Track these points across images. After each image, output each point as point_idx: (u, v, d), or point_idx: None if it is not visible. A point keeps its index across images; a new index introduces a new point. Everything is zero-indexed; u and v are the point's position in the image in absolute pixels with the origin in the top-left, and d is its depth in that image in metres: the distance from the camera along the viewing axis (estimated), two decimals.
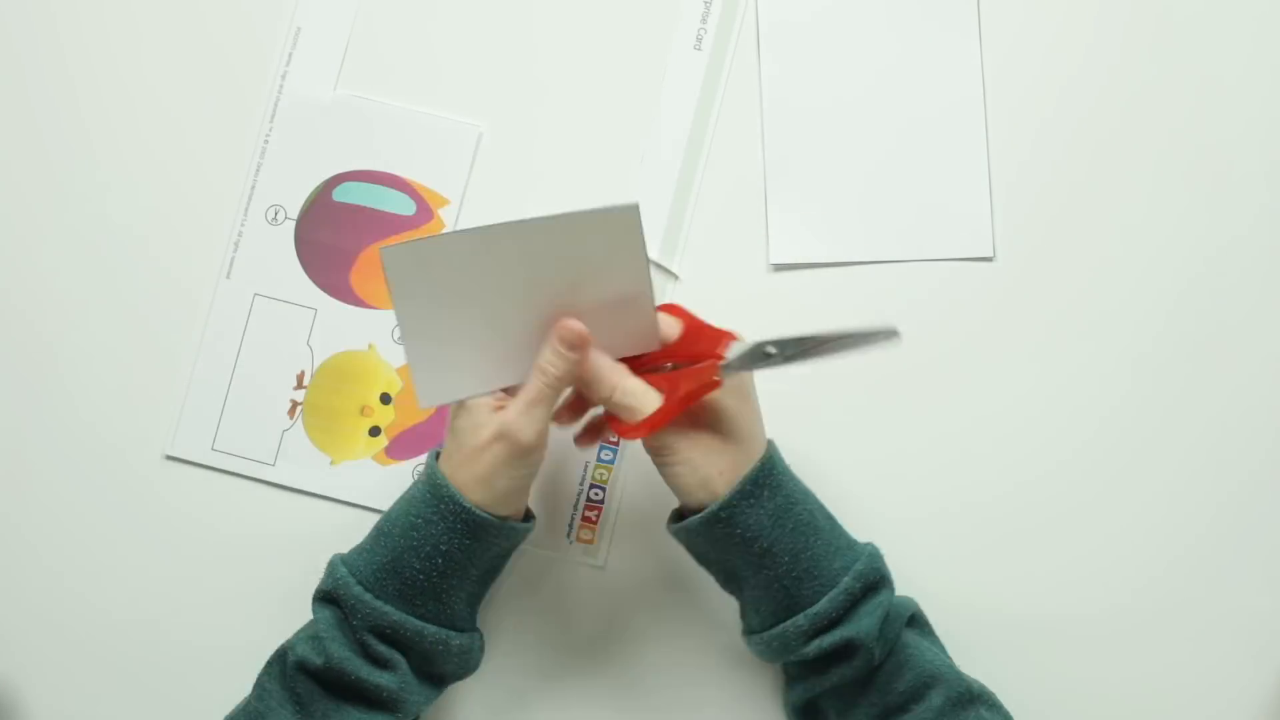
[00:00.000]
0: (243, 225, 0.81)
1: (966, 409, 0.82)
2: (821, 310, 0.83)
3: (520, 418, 0.66)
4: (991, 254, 0.83)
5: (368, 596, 0.67)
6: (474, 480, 0.67)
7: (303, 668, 0.68)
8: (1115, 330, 0.82)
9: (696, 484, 0.68)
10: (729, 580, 0.72)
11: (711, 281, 0.83)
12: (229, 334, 0.80)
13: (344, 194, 0.81)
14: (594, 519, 0.79)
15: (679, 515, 0.71)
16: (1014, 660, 0.78)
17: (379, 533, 0.69)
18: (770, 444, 0.71)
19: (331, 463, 0.78)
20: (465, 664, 0.72)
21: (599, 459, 0.81)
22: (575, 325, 0.67)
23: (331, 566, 0.70)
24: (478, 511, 0.67)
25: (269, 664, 0.70)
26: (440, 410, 0.77)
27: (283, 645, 0.70)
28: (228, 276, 0.81)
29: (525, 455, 0.67)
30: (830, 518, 0.71)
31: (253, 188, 0.82)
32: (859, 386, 0.82)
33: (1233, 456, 0.81)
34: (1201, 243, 0.82)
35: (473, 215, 0.82)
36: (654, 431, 0.67)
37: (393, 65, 0.84)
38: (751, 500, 0.68)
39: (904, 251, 0.83)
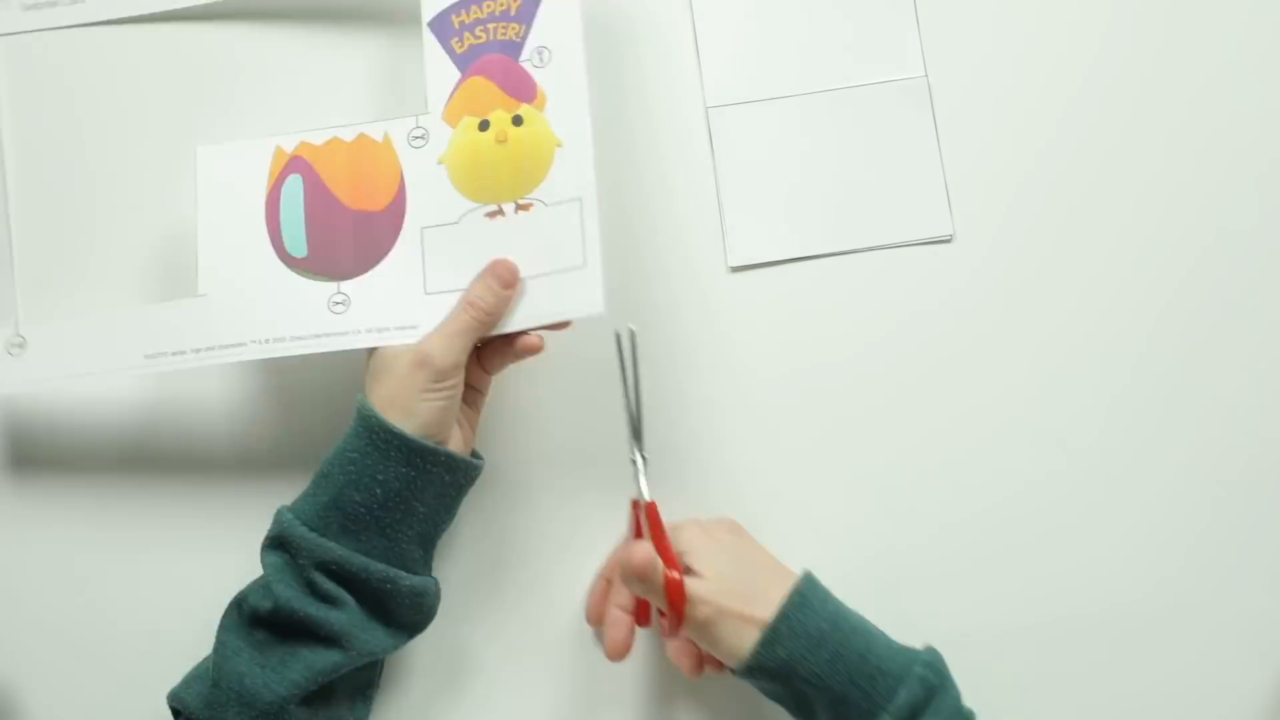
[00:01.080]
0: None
1: (949, 404, 0.81)
2: (784, 307, 0.82)
3: (441, 344, 0.69)
4: (951, 234, 0.82)
5: (311, 535, 0.68)
6: (397, 410, 0.69)
7: (256, 616, 0.69)
8: (1101, 318, 0.81)
9: (741, 632, 0.68)
10: (800, 706, 0.70)
11: (671, 288, 0.83)
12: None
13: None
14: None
15: None
16: (1013, 662, 0.78)
17: (318, 476, 0.70)
18: (806, 575, 0.71)
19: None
20: (419, 609, 0.72)
21: None
22: (509, 262, 0.71)
23: (277, 514, 0.71)
24: (409, 436, 0.68)
25: (224, 616, 0.71)
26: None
27: (235, 596, 0.71)
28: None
29: (444, 378, 0.69)
30: (876, 634, 0.70)
31: None
32: (839, 389, 0.81)
33: (1229, 453, 0.80)
34: (1181, 213, 0.82)
35: None
36: (681, 615, 0.69)
37: None
38: (804, 610, 0.68)
39: (863, 240, 0.82)
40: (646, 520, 0.72)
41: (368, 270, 0.76)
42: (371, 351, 0.72)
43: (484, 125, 0.75)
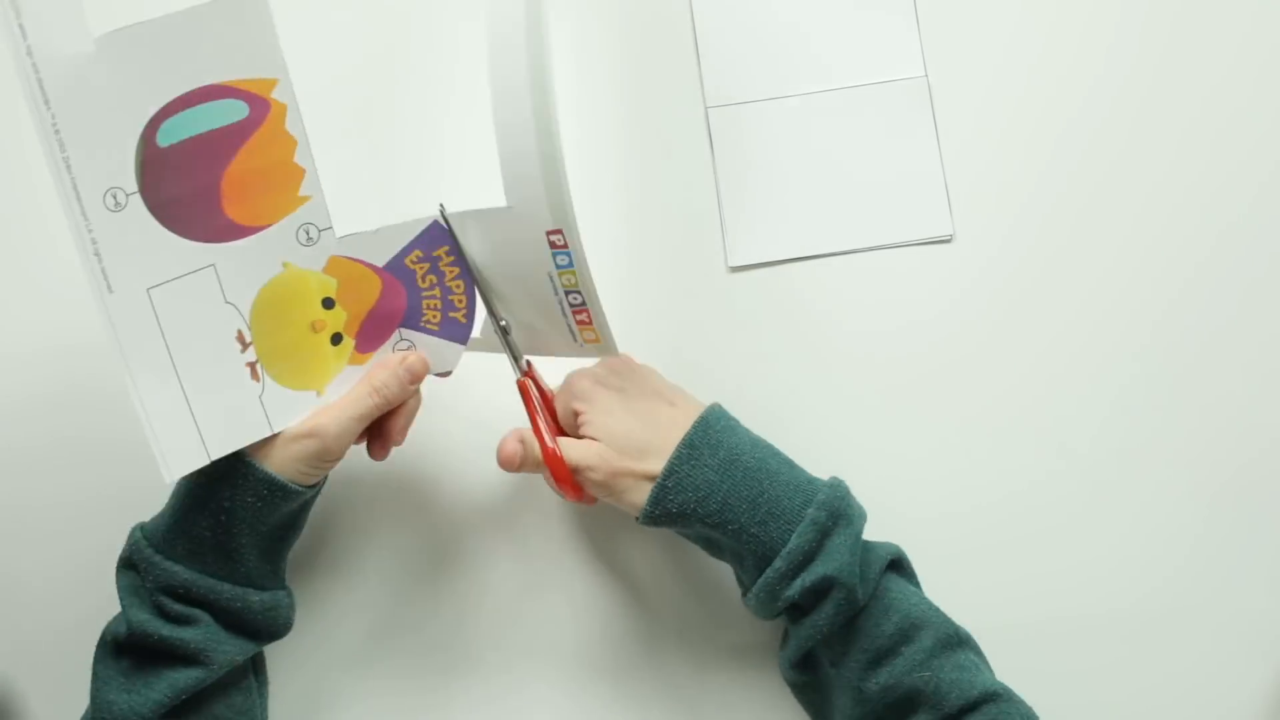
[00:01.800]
0: (89, 229, 0.67)
1: (948, 403, 0.81)
2: (784, 307, 0.82)
3: (337, 425, 0.68)
4: (950, 234, 0.82)
5: (157, 558, 0.67)
6: (267, 459, 0.68)
7: (117, 642, 0.68)
8: (1101, 318, 0.81)
9: (639, 489, 0.70)
10: (710, 547, 0.72)
11: (671, 288, 0.83)
12: (149, 345, 0.69)
13: (167, 135, 0.69)
14: (587, 320, 0.76)
15: None
16: (1012, 663, 0.76)
17: (172, 496, 0.70)
18: (709, 408, 0.71)
19: (319, 394, 0.72)
20: (274, 621, 0.71)
21: (557, 265, 0.72)
22: (422, 357, 0.72)
23: (130, 533, 0.70)
24: (251, 463, 0.68)
25: (97, 647, 0.70)
26: (388, 282, 0.72)
27: (105, 627, 0.70)
28: (110, 290, 0.68)
29: (329, 460, 0.69)
30: (787, 461, 0.71)
31: (74, 184, 0.67)
32: (841, 383, 0.82)
33: (1229, 453, 0.80)
34: (1182, 214, 0.82)
35: (306, 82, 0.71)
36: (573, 485, 0.71)
37: None
38: (691, 463, 0.69)
39: (862, 240, 0.82)
40: (521, 397, 0.72)
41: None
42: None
43: (328, 303, 0.72)
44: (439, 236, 0.70)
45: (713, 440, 0.69)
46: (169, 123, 0.67)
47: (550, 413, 0.73)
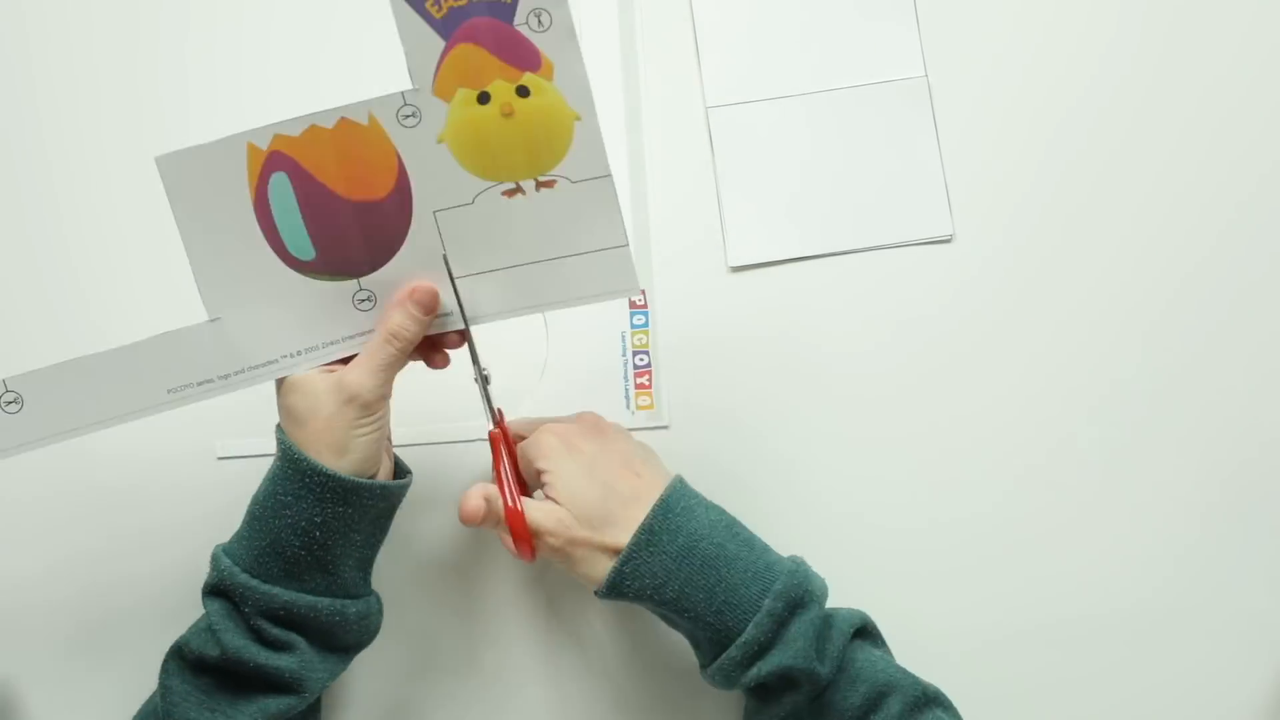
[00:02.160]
0: None
1: (948, 402, 0.81)
2: (784, 307, 0.82)
3: (368, 380, 0.67)
4: (951, 234, 0.82)
5: (254, 582, 0.67)
6: (328, 450, 0.67)
7: (201, 662, 0.68)
8: (1101, 318, 0.82)
9: (596, 563, 0.69)
10: (667, 621, 0.72)
11: (671, 288, 0.83)
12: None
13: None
14: (647, 384, 0.80)
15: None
16: (1011, 664, 0.78)
17: (252, 517, 0.68)
18: (670, 485, 0.70)
19: (577, 120, 0.69)
20: (365, 630, 0.72)
21: (633, 325, 0.82)
22: (428, 285, 0.69)
23: (215, 559, 0.69)
24: (342, 477, 0.67)
25: (166, 662, 0.70)
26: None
27: (176, 642, 0.70)
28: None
29: (373, 412, 0.68)
30: (747, 543, 0.70)
31: None
32: (841, 383, 0.82)
33: (1229, 453, 0.80)
34: (1181, 213, 0.82)
35: None
36: (530, 547, 0.69)
37: None
38: (650, 549, 0.68)
39: (863, 240, 0.82)
40: (490, 449, 0.72)
41: (385, 263, 0.71)
42: (281, 387, 0.70)
43: (484, 98, 0.68)
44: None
45: (671, 526, 0.68)
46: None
47: (514, 467, 0.72)
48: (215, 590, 0.68)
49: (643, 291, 0.82)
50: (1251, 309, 0.81)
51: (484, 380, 0.71)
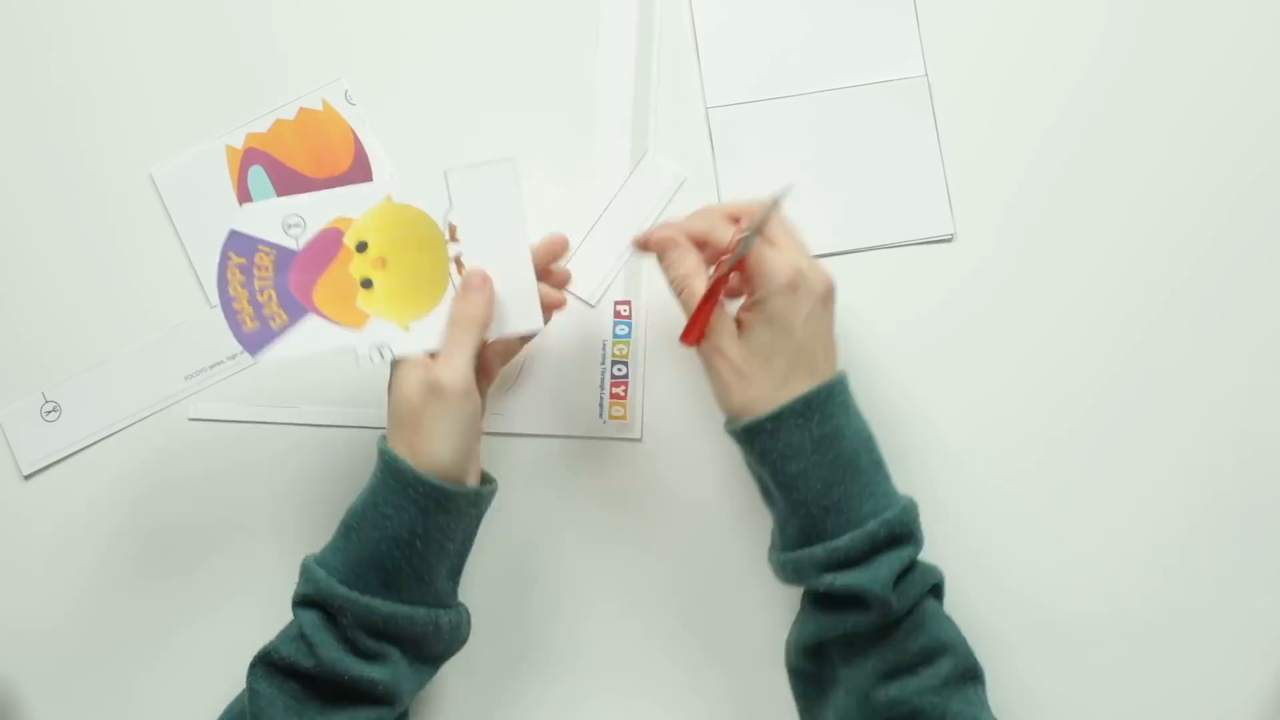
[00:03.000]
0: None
1: (949, 402, 0.81)
2: None
3: (446, 369, 0.68)
4: (951, 233, 0.82)
5: (354, 594, 0.67)
6: (423, 445, 0.68)
7: (293, 670, 0.68)
8: (1101, 317, 0.81)
9: (740, 394, 0.69)
10: (765, 494, 0.73)
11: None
12: None
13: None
14: (622, 394, 0.81)
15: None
16: (1011, 663, 0.78)
17: (349, 529, 0.69)
18: (839, 375, 0.70)
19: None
20: (455, 639, 0.72)
21: (615, 335, 0.82)
22: (477, 269, 0.71)
23: (307, 570, 0.69)
24: (444, 485, 0.68)
25: (255, 667, 0.70)
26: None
27: (265, 648, 0.70)
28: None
29: (460, 401, 0.68)
30: (877, 464, 0.70)
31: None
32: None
33: (1229, 452, 0.80)
34: (1181, 212, 0.82)
35: None
36: (701, 334, 0.69)
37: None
38: (800, 420, 0.68)
39: (863, 239, 0.82)
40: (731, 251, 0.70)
41: None
42: (389, 389, 0.70)
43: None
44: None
45: (826, 410, 0.69)
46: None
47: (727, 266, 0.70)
48: (309, 601, 0.69)
49: (628, 301, 0.82)
50: (1251, 307, 0.81)
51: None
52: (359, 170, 0.84)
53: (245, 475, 0.83)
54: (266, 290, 0.71)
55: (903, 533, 0.68)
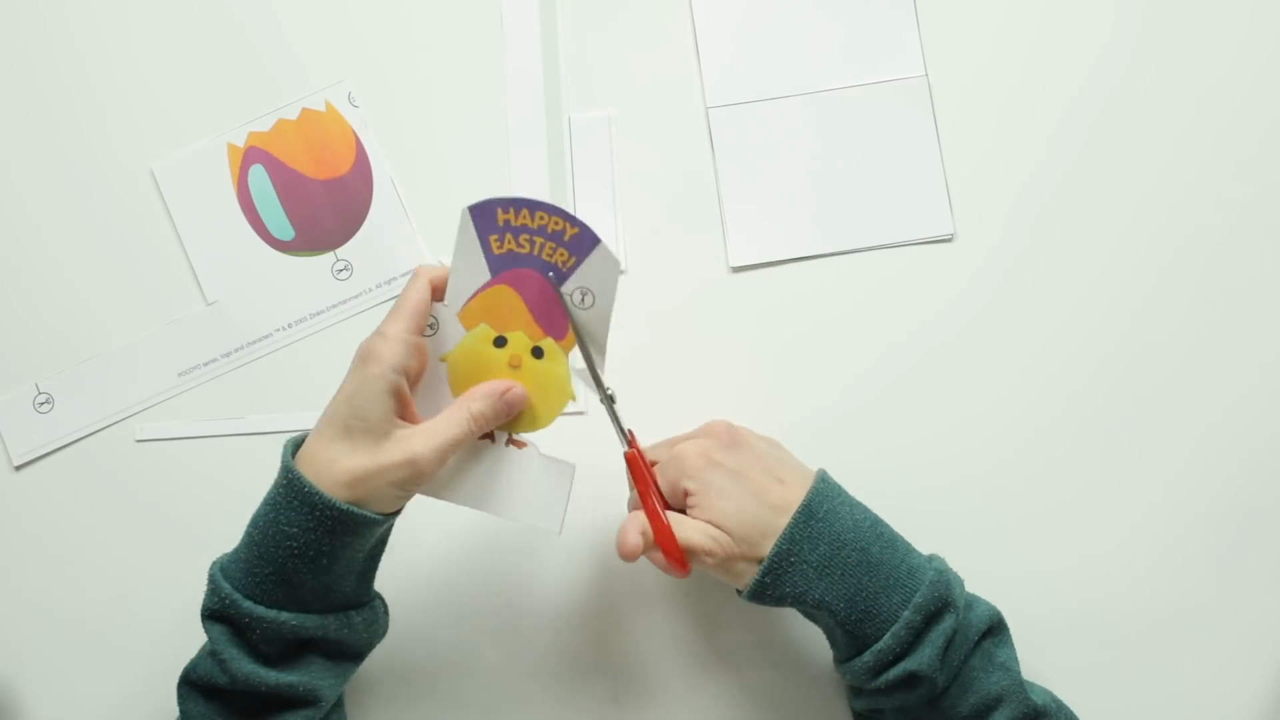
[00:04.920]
0: None
1: (950, 402, 0.81)
2: (785, 307, 0.82)
3: (435, 455, 0.66)
4: (952, 233, 0.82)
5: (259, 609, 0.66)
6: (357, 482, 0.65)
7: (214, 689, 0.67)
8: (1102, 317, 0.81)
9: (745, 573, 0.68)
10: (809, 618, 0.72)
11: (672, 288, 0.83)
12: None
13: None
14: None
15: None
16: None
17: (252, 541, 0.67)
18: (809, 490, 0.69)
19: (573, 399, 0.71)
20: (374, 634, 0.72)
21: None
22: (523, 391, 0.69)
23: (213, 580, 0.68)
24: (355, 511, 0.65)
25: (181, 686, 0.69)
26: (508, 278, 0.71)
27: (187, 667, 0.69)
28: None
29: (420, 483, 0.66)
30: (890, 544, 0.69)
31: None
32: (842, 383, 0.81)
33: (1230, 453, 0.79)
34: (1182, 211, 0.82)
35: None
36: (684, 566, 0.68)
37: None
38: (791, 560, 0.67)
39: (863, 240, 0.82)
40: (629, 470, 0.70)
41: (356, 231, 0.82)
42: (344, 401, 0.66)
43: (500, 342, 0.70)
44: (484, 216, 0.68)
45: (813, 534, 0.68)
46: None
47: (656, 486, 0.70)
48: (217, 616, 0.67)
49: None
50: (1258, 307, 0.80)
51: (610, 400, 0.70)
52: (359, 172, 0.83)
53: (245, 474, 0.82)
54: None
55: (937, 608, 0.68)
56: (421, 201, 0.84)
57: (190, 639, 0.79)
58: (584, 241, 0.68)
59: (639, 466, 0.70)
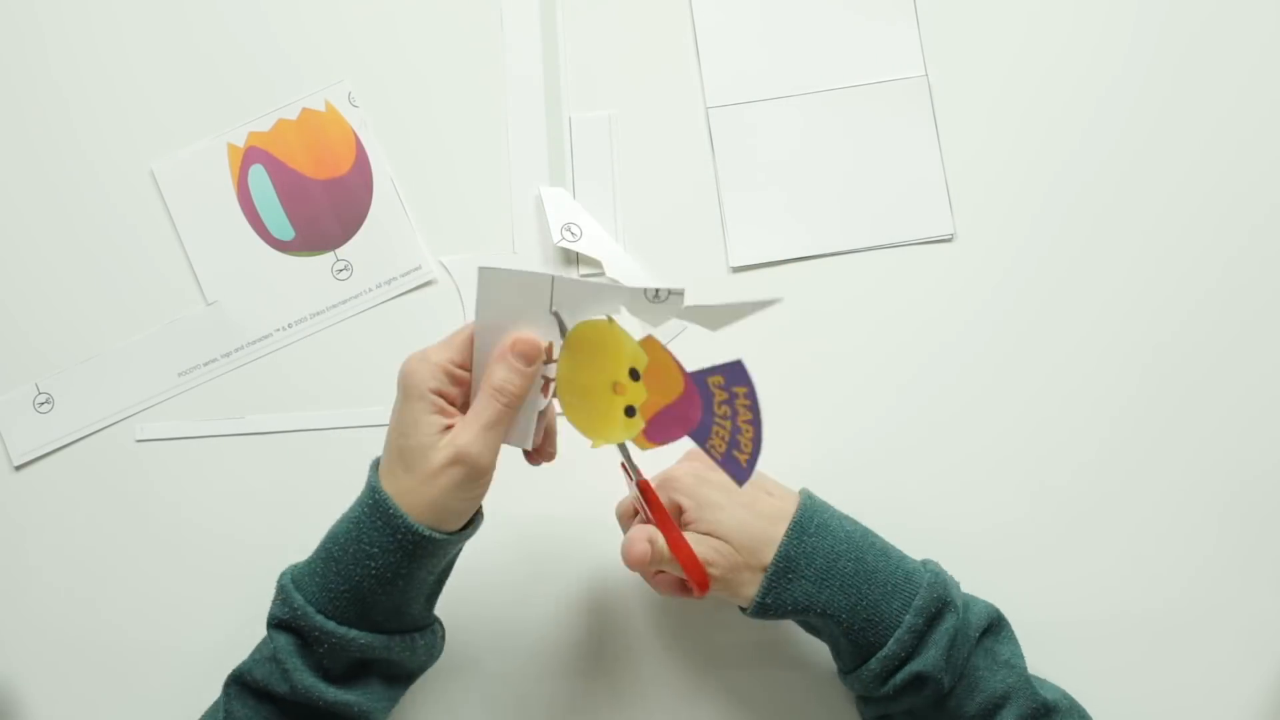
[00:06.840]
0: None
1: (950, 403, 0.81)
2: (785, 307, 0.81)
3: (478, 442, 0.65)
4: (951, 233, 0.82)
5: (331, 625, 0.66)
6: (426, 505, 0.65)
7: (268, 694, 0.68)
8: (1103, 317, 0.81)
9: (749, 587, 0.69)
10: (810, 630, 0.74)
11: None
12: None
13: None
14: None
15: None
16: None
17: (329, 557, 0.67)
18: (799, 507, 0.70)
19: (593, 445, 0.69)
20: (430, 656, 0.72)
21: None
22: (530, 337, 0.66)
23: (285, 592, 0.68)
24: (435, 535, 0.66)
25: (229, 687, 0.69)
26: (689, 389, 0.68)
27: (239, 668, 0.69)
28: None
29: (481, 478, 0.66)
30: (883, 552, 0.71)
31: None
32: (843, 383, 0.81)
33: (1230, 454, 0.79)
34: (1182, 211, 0.82)
35: None
36: (705, 580, 0.69)
37: None
38: (789, 576, 0.69)
39: (863, 240, 0.82)
40: (643, 500, 0.70)
41: (356, 231, 0.82)
42: (395, 428, 0.67)
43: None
44: (740, 376, 0.67)
45: (808, 549, 0.69)
46: None
47: (664, 509, 0.71)
48: (285, 626, 0.68)
49: None
50: (1263, 310, 0.80)
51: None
52: (359, 172, 0.84)
53: (244, 471, 0.83)
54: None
55: (937, 609, 0.69)
56: (421, 201, 0.84)
57: (190, 638, 0.80)
58: (734, 469, 0.65)
59: (648, 492, 0.70)
